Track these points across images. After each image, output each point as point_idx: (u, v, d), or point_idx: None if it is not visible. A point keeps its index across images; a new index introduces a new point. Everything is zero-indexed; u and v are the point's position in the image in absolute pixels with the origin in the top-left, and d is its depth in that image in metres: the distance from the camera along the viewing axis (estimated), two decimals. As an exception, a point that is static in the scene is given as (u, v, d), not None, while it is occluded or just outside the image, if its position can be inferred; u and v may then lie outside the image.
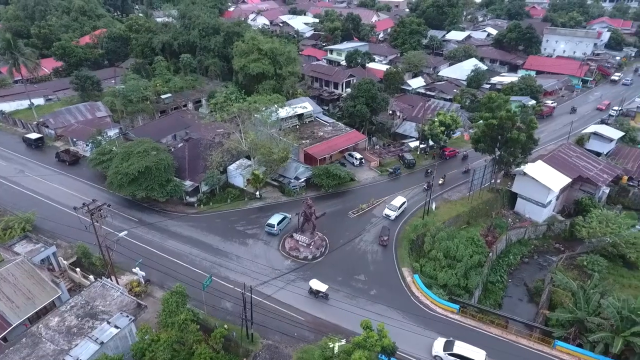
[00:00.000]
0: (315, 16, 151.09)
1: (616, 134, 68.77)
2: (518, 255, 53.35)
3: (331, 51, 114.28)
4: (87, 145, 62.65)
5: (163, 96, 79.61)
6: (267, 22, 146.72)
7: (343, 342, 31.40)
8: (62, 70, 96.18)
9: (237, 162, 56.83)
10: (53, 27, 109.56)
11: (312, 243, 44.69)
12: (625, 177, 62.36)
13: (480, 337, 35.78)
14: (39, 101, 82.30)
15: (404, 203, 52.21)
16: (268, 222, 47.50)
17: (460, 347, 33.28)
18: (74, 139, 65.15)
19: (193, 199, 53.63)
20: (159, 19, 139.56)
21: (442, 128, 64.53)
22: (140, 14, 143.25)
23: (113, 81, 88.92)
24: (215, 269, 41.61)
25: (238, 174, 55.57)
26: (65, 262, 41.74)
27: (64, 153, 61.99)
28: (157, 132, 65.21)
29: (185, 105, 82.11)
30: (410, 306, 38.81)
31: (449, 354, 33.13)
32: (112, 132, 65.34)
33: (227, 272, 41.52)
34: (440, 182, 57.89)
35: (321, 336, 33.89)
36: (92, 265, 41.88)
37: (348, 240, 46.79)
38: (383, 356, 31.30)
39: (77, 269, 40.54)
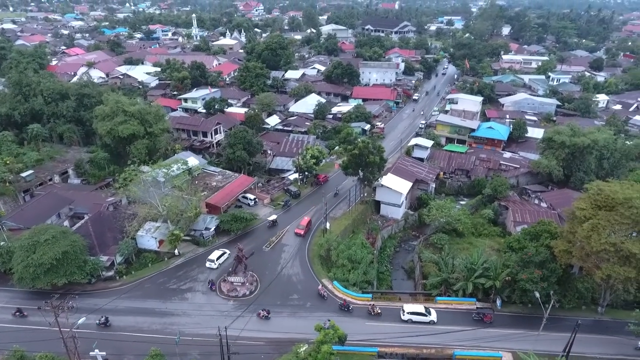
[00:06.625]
0: (154, 65, 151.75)
1: (429, 142, 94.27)
2: (391, 247, 70.43)
3: (185, 100, 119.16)
4: (-48, 246, 55.57)
5: (23, 174, 73.49)
6: (103, 75, 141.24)
7: (306, 346, 40.87)
8: None
9: (146, 227, 59.43)
10: None
11: (246, 281, 52.18)
12: (442, 173, 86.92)
13: (391, 310, 49.41)
14: None
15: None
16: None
17: (215, 254, 55.25)
18: None
19: (110, 273, 54.50)
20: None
21: (314, 160, 78.73)
22: None
23: (-59, 166, 76.74)
24: (169, 328, 45.45)
25: (150, 237, 58.43)
26: (0, 372, 39.76)
27: None
28: (38, 215, 61.57)
29: (50, 180, 77.15)
30: (338, 305, 50.16)
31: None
32: (-18, 225, 59.13)
33: (182, 327, 45.72)
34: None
35: (283, 349, 42.56)
36: (33, 366, 40.78)
37: (273, 271, 55.60)
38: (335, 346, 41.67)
39: (21, 374, 39.35)
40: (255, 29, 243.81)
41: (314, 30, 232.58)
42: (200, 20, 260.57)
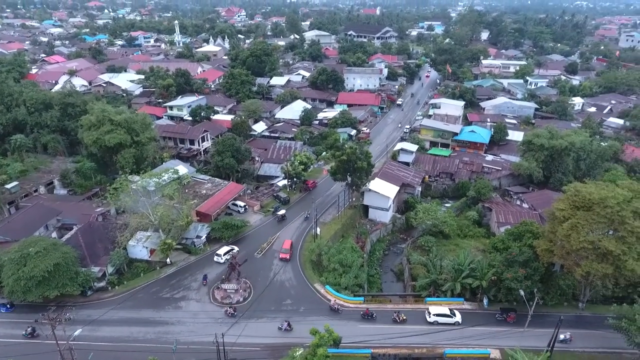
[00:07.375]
0: (138, 72, 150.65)
1: (414, 147, 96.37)
2: (380, 250, 71.84)
3: (171, 107, 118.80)
4: None
5: (7, 186, 72.42)
6: (86, 84, 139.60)
7: (302, 349, 41.77)
8: None
9: (137, 237, 59.42)
10: None
11: (239, 288, 52.78)
12: (427, 177, 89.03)
13: (382, 312, 50.72)
14: None
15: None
16: None
17: (223, 250, 58.66)
18: None
19: (102, 284, 54.39)
20: None
21: (302, 166, 79.81)
22: None
23: None
24: (164, 337, 45.71)
25: (142, 247, 58.47)
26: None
27: None
28: (26, 227, 60.96)
29: (36, 191, 76.19)
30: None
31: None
32: (-32, 239, 58.24)
33: (177, 335, 45.94)
34: None
35: (279, 354, 43.36)
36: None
37: (266, 278, 56.34)
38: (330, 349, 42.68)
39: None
40: (239, 35, 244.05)
41: (297, 36, 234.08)
42: (183, 26, 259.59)
